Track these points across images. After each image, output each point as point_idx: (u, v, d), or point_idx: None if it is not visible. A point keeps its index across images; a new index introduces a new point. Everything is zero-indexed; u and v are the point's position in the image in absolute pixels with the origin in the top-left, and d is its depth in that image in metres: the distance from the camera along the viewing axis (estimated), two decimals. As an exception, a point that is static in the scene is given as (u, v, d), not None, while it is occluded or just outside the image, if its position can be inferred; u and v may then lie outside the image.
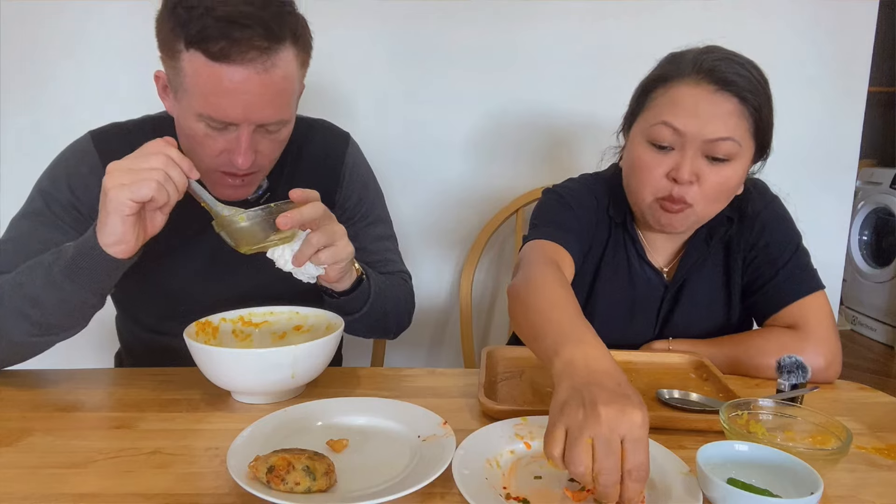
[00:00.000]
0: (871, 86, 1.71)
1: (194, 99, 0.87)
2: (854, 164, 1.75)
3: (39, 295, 0.85)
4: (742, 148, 0.96)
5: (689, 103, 0.95)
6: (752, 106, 0.95)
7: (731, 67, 0.95)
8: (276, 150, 0.97)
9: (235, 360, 0.83)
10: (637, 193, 1.03)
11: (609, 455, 0.58)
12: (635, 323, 1.13)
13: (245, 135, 0.89)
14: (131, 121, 1.08)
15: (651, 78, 1.03)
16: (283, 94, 0.90)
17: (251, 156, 0.91)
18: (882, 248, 3.69)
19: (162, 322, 1.09)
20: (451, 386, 0.95)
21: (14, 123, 1.62)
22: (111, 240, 0.82)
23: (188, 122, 0.90)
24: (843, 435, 0.69)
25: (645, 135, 1.00)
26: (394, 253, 1.20)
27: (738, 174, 0.98)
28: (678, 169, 0.96)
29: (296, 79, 0.93)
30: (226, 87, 0.84)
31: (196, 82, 0.85)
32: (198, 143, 0.92)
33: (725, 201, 1.03)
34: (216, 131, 0.90)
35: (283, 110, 0.91)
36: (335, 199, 1.13)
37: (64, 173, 1.01)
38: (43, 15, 1.56)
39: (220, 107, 0.86)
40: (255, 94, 0.86)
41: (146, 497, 0.65)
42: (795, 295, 1.04)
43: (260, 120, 0.89)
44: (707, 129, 0.94)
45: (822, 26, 1.66)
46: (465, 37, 1.63)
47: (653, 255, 1.13)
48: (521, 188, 1.65)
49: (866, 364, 3.36)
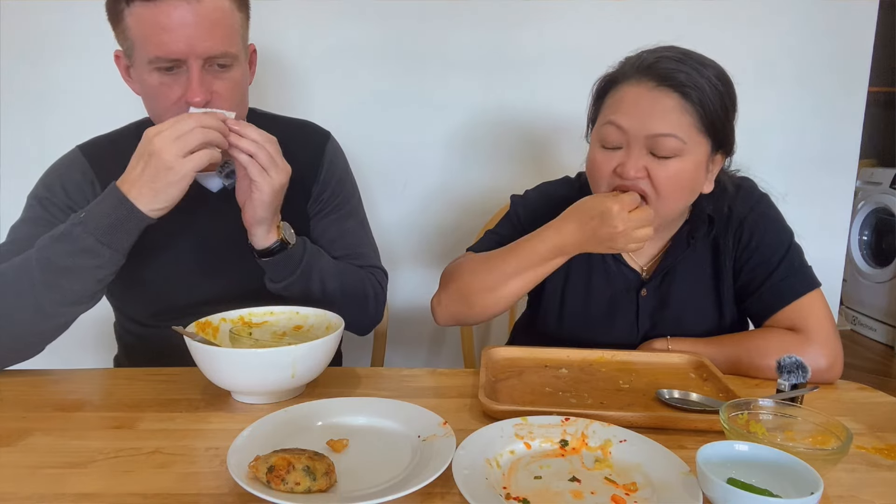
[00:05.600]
0: (871, 86, 1.72)
1: (143, 48, 0.93)
2: (854, 164, 1.75)
3: (73, 265, 0.90)
4: (687, 144, 0.96)
5: (630, 101, 0.97)
6: (695, 101, 0.95)
7: (671, 64, 0.96)
8: (233, 91, 1.01)
9: (235, 360, 0.83)
10: (594, 191, 1.05)
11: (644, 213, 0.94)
12: (617, 322, 1.13)
13: (195, 70, 0.95)
14: (115, 130, 1.14)
15: (602, 81, 1.05)
16: (219, 25, 0.96)
17: (204, 92, 0.96)
18: (882, 248, 3.68)
19: (156, 319, 1.11)
20: (451, 386, 0.95)
21: (14, 124, 1.62)
22: (164, 205, 0.90)
23: (144, 78, 0.96)
24: (843, 435, 0.69)
25: (597, 136, 1.03)
26: (366, 248, 1.22)
27: (688, 169, 0.98)
28: (623, 165, 0.98)
29: (231, 15, 0.98)
30: (164, 24, 0.92)
31: (140, 30, 0.93)
32: (156, 97, 0.97)
33: (687, 196, 1.03)
34: (169, 76, 0.95)
35: (225, 42, 0.96)
36: (312, 190, 1.17)
37: (58, 180, 1.06)
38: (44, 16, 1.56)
39: (163, 43, 0.92)
40: (191, 25, 0.92)
41: (146, 497, 0.65)
42: (793, 295, 1.04)
43: (203, 52, 0.94)
44: (648, 125, 0.95)
45: (822, 26, 1.66)
46: (457, 37, 1.63)
47: (631, 255, 1.14)
48: (520, 187, 1.64)
49: (866, 364, 3.36)
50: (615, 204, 0.94)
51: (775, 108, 1.66)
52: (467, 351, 1.56)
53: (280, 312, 1.01)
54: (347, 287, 1.10)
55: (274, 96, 1.61)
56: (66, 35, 1.58)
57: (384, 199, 1.72)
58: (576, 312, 1.16)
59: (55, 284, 0.90)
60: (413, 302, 1.77)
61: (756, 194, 1.11)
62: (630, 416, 0.80)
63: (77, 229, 0.89)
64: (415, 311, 1.77)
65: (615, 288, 1.13)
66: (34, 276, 0.90)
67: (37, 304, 0.91)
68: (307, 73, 1.64)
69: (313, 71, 1.64)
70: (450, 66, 1.65)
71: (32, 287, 0.90)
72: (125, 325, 1.18)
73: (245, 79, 1.04)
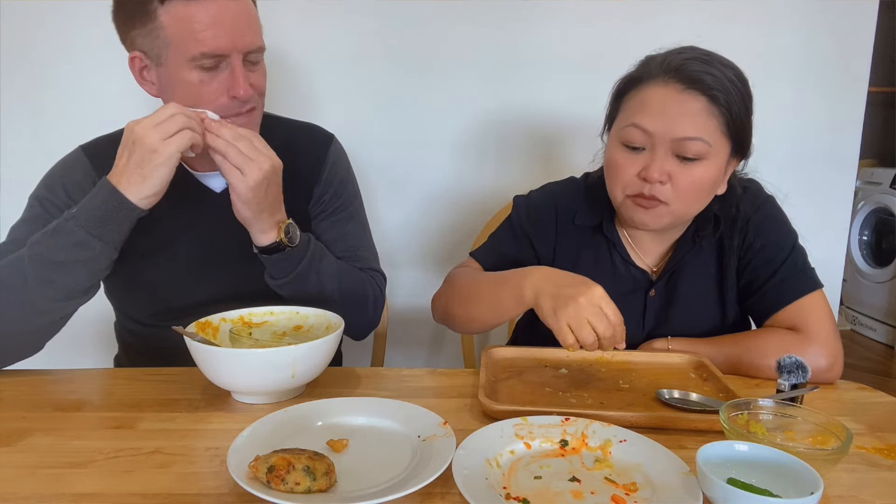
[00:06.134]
0: (871, 86, 1.71)
1: (183, 45, 0.93)
2: (854, 164, 1.75)
3: (66, 259, 0.90)
4: (713, 147, 0.96)
5: (657, 103, 0.96)
6: (722, 105, 0.95)
7: (699, 66, 0.95)
8: (263, 82, 1.04)
9: (235, 360, 0.83)
10: (611, 191, 1.06)
11: (601, 320, 0.86)
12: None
13: (238, 64, 0.96)
14: (117, 131, 1.12)
15: (624, 80, 1.04)
16: (255, 19, 0.99)
17: (247, 86, 0.97)
18: (882, 248, 3.68)
19: (157, 319, 1.11)
20: (451, 386, 0.95)
21: (14, 125, 1.62)
22: (153, 192, 0.90)
23: (182, 76, 0.96)
24: (843, 435, 0.69)
25: (618, 136, 1.01)
26: (366, 251, 1.22)
27: (710, 173, 0.98)
28: (648, 169, 0.97)
29: (255, 9, 1.01)
30: (208, 21, 0.92)
31: (180, 27, 0.92)
32: (196, 94, 0.97)
33: (704, 200, 1.03)
34: (209, 73, 0.96)
35: (258, 36, 1.00)
36: (314, 191, 1.17)
37: (59, 180, 1.06)
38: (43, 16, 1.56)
39: (209, 39, 0.93)
40: (234, 19, 0.94)
41: (146, 497, 0.65)
42: (794, 295, 1.04)
43: (245, 46, 0.96)
44: (675, 129, 0.95)
45: (822, 26, 1.65)
46: (459, 38, 1.63)
47: (640, 255, 1.14)
48: (521, 188, 1.64)
49: (866, 364, 3.35)
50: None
51: (775, 108, 1.66)
52: (467, 351, 1.56)
53: (280, 312, 1.01)
54: (346, 289, 1.10)
55: (277, 97, 1.61)
56: (66, 35, 1.58)
57: (385, 200, 1.72)
58: None
59: (47, 280, 0.90)
60: (413, 302, 1.77)
61: (762, 196, 1.11)
62: (630, 416, 0.80)
63: (69, 223, 0.90)
64: (415, 311, 1.77)
65: (623, 288, 1.13)
66: (26, 273, 0.90)
67: (29, 300, 0.91)
68: (310, 74, 1.64)
69: (316, 71, 1.64)
70: (451, 67, 1.65)
71: (25, 284, 0.90)
72: (125, 324, 1.18)
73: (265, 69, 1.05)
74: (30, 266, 0.90)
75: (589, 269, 1.13)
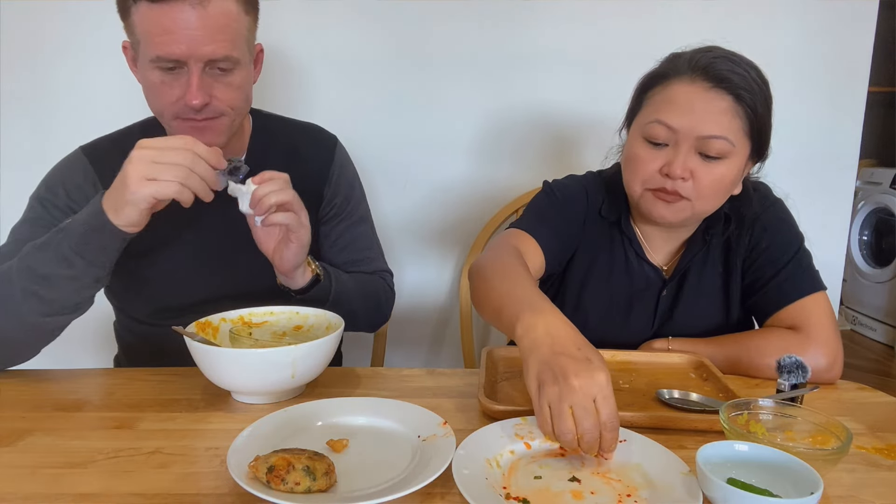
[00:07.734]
0: (871, 86, 1.71)
1: (146, 46, 0.93)
2: (854, 164, 1.75)
3: (50, 273, 0.88)
4: (736, 147, 0.96)
5: (683, 100, 0.96)
6: (748, 105, 0.95)
7: (726, 65, 0.95)
8: (234, 96, 0.99)
9: (235, 360, 0.83)
10: (629, 185, 1.05)
11: (587, 417, 0.66)
12: (633, 318, 1.13)
13: (195, 73, 0.94)
14: (118, 131, 1.13)
15: (649, 76, 1.04)
16: (224, 29, 0.94)
17: (202, 95, 0.95)
18: (882, 248, 3.68)
19: (156, 318, 1.11)
20: (451, 386, 0.95)
21: (14, 125, 1.62)
22: (127, 223, 0.86)
23: (146, 75, 0.96)
24: (843, 435, 0.69)
25: (641, 131, 1.01)
26: (375, 252, 1.25)
27: (731, 172, 0.99)
28: (671, 165, 0.97)
29: (238, 19, 0.96)
30: (167, 26, 0.91)
31: (145, 28, 0.92)
32: (157, 94, 0.96)
33: (722, 198, 1.03)
34: (170, 75, 0.95)
35: (227, 46, 0.94)
36: (324, 193, 1.18)
37: (60, 181, 1.05)
38: (44, 16, 1.56)
39: (165, 44, 0.91)
40: (194, 28, 0.91)
41: (146, 497, 0.65)
42: (796, 295, 1.04)
43: (204, 55, 0.93)
44: (700, 127, 0.95)
45: (822, 26, 1.65)
46: (460, 38, 1.63)
47: (652, 253, 1.14)
48: (521, 187, 1.65)
49: (866, 364, 3.35)
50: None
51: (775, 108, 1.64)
52: (467, 351, 1.56)
53: (280, 312, 1.01)
54: (369, 300, 1.15)
55: (278, 96, 1.61)
56: (66, 35, 1.58)
57: (386, 199, 1.72)
58: (596, 310, 1.15)
59: (33, 293, 0.88)
60: (413, 302, 1.77)
61: (771, 198, 1.12)
62: (630, 416, 0.80)
63: (58, 236, 0.88)
64: (415, 311, 1.77)
65: (636, 286, 1.13)
66: (14, 284, 0.88)
67: (17, 312, 0.89)
68: (311, 73, 1.64)
69: (317, 71, 1.64)
70: (452, 66, 1.65)
71: (12, 295, 0.88)
72: (125, 324, 1.18)
73: (248, 81, 1.03)
74: (17, 277, 0.88)
75: (605, 259, 1.14)
